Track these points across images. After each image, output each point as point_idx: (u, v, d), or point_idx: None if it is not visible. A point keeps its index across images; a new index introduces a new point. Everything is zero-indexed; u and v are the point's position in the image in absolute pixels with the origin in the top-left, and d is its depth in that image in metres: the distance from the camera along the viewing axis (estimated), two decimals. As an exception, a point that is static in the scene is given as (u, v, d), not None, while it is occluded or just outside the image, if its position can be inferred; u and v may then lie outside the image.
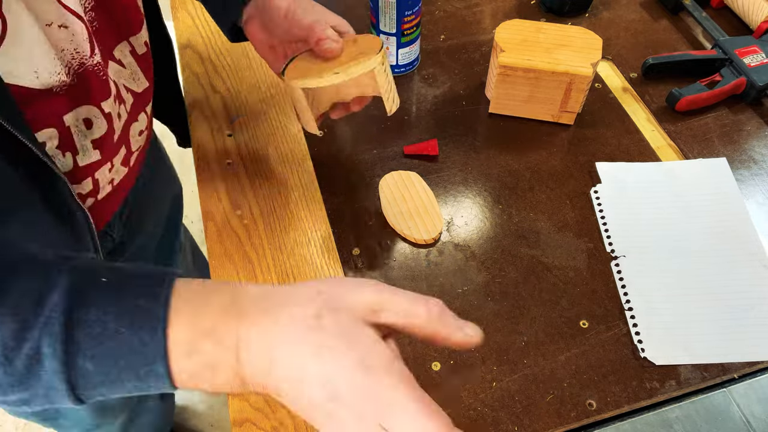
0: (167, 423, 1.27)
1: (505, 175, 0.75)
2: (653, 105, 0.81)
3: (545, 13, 0.93)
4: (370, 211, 0.72)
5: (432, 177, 0.74)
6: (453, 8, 0.95)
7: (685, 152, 0.76)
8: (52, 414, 0.85)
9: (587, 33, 0.76)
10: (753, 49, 0.81)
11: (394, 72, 0.85)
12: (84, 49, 0.50)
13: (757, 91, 0.78)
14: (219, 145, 0.78)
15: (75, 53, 0.49)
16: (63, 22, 0.47)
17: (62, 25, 0.47)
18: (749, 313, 0.62)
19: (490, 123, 0.80)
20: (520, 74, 0.74)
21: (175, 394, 1.31)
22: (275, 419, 0.57)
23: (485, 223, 0.70)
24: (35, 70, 0.45)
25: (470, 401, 0.57)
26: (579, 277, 0.65)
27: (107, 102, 0.54)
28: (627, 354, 0.60)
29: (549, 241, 0.68)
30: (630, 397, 0.57)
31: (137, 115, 0.64)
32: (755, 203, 0.71)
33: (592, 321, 0.62)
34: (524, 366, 0.60)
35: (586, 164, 0.75)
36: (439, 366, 0.60)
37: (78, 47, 0.49)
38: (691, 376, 0.59)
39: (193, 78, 0.86)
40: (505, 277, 0.66)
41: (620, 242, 0.67)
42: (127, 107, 0.61)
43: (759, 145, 0.76)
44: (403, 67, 0.85)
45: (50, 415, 0.85)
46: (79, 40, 0.49)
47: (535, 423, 0.56)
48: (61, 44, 0.47)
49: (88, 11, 0.52)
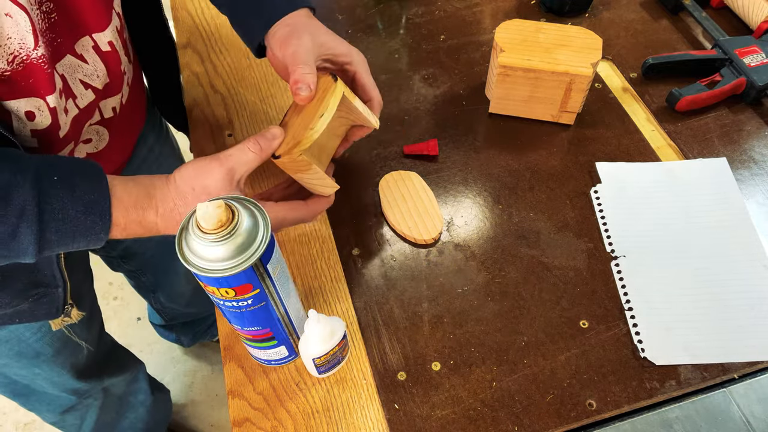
0: (160, 422, 1.27)
1: (505, 175, 0.75)
2: (653, 105, 0.81)
3: (545, 13, 0.93)
4: (370, 211, 0.72)
5: (432, 177, 0.74)
6: (453, 8, 0.95)
7: (685, 152, 0.76)
8: (23, 390, 0.86)
9: (587, 33, 0.76)
10: (753, 49, 0.81)
11: None
12: (27, 41, 0.51)
13: (757, 91, 0.78)
14: (219, 145, 0.78)
15: (22, 43, 0.50)
16: (8, 11, 0.48)
17: (7, 14, 0.48)
18: (749, 313, 0.62)
19: (490, 123, 0.80)
20: (520, 74, 0.74)
21: (169, 392, 1.31)
22: (275, 419, 0.57)
23: (485, 223, 0.70)
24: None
25: (470, 401, 0.57)
26: (579, 277, 0.65)
27: (52, 96, 0.55)
28: (627, 354, 0.60)
29: (549, 241, 0.68)
30: (630, 397, 0.57)
31: (93, 112, 0.64)
32: (755, 203, 0.71)
33: (592, 321, 0.62)
34: (524, 366, 0.60)
35: (586, 164, 0.75)
36: (439, 366, 0.60)
37: (22, 39, 0.50)
38: (691, 376, 0.59)
39: (193, 78, 0.86)
40: (505, 277, 0.66)
41: (620, 242, 0.67)
42: (78, 103, 0.61)
43: (759, 145, 0.76)
44: None
45: (21, 391, 0.86)
46: (22, 32, 0.50)
47: (535, 423, 0.56)
48: (7, 32, 0.49)
49: (44, 2, 0.52)
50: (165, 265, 1.09)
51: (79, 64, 0.59)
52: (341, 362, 0.59)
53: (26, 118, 0.54)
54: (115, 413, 1.07)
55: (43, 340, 0.77)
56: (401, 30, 0.92)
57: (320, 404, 0.58)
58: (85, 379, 0.90)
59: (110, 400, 1.03)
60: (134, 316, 1.61)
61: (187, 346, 1.49)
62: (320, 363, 0.56)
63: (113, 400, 1.04)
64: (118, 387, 1.04)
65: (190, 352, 1.54)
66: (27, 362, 0.79)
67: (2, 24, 0.48)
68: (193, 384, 1.49)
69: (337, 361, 0.58)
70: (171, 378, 1.50)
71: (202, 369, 1.51)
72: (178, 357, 1.53)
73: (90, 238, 0.49)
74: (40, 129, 0.56)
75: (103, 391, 0.99)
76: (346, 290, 0.65)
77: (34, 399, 0.90)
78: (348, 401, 0.58)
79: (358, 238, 0.69)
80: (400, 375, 0.59)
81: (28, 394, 0.88)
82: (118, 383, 1.03)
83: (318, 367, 0.57)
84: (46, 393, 0.89)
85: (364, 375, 0.60)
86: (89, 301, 0.85)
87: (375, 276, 0.66)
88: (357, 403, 0.58)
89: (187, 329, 1.39)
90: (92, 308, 0.86)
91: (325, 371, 0.58)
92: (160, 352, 1.54)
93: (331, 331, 0.54)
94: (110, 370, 0.98)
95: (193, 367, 1.52)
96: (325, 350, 0.54)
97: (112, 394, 1.03)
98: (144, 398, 1.14)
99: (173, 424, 1.41)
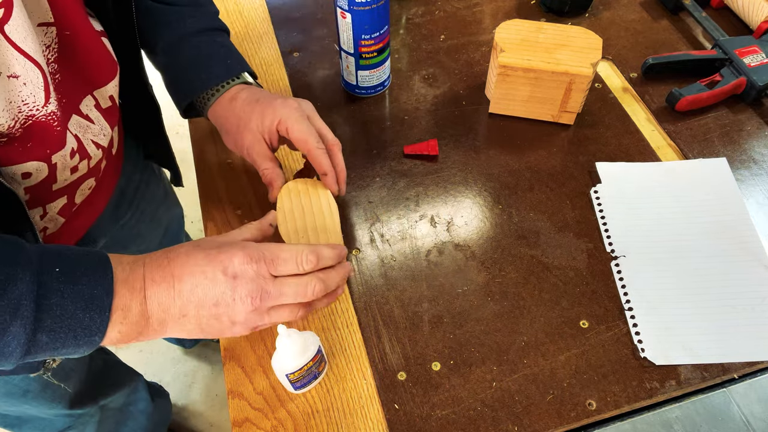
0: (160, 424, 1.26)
1: (505, 175, 0.75)
2: (653, 105, 0.81)
3: (545, 13, 0.93)
4: (370, 211, 0.72)
5: (432, 177, 0.74)
6: (453, 8, 0.95)
7: (685, 152, 0.76)
8: (14, 421, 0.84)
9: (587, 33, 0.76)
10: (753, 49, 0.81)
11: (355, 92, 0.83)
12: (38, 98, 0.49)
13: (757, 91, 0.78)
14: (219, 145, 0.78)
15: (23, 105, 0.48)
16: (13, 71, 0.46)
17: (12, 75, 0.46)
18: (749, 313, 0.62)
19: (490, 123, 0.80)
20: (520, 74, 0.74)
21: (169, 394, 1.31)
22: (275, 419, 0.57)
23: (485, 223, 0.70)
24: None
25: (470, 401, 0.57)
26: (579, 277, 0.65)
27: (58, 154, 0.53)
28: (627, 354, 0.60)
29: (549, 241, 0.68)
30: (630, 397, 0.57)
31: (99, 171, 0.63)
32: (755, 203, 0.71)
33: (592, 321, 0.62)
34: (524, 366, 0.60)
35: (586, 164, 0.75)
36: (439, 366, 0.60)
37: (28, 97, 0.48)
38: (691, 376, 0.59)
39: (193, 78, 0.86)
40: (505, 277, 0.66)
41: (620, 242, 0.67)
42: (91, 163, 0.60)
43: (759, 145, 0.76)
44: (364, 90, 0.83)
45: (12, 422, 0.84)
46: (33, 89, 0.48)
47: (535, 423, 0.56)
48: (9, 95, 0.47)
49: (50, 62, 0.51)
50: None
51: (87, 124, 0.58)
52: (318, 377, 0.59)
53: (21, 178, 0.52)
54: (115, 424, 1.05)
55: (27, 378, 0.74)
56: (401, 30, 0.92)
57: (320, 404, 0.58)
58: (78, 405, 0.87)
59: (108, 414, 1.01)
60: (134, 316, 1.60)
61: (188, 347, 1.49)
62: (295, 379, 0.55)
63: (112, 414, 1.02)
64: (116, 401, 1.02)
65: (190, 352, 1.54)
66: (16, 401, 0.77)
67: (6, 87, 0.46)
68: (193, 384, 1.49)
69: (314, 376, 0.57)
70: (171, 378, 1.50)
71: (202, 369, 1.51)
72: (178, 357, 1.53)
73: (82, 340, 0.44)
74: (32, 185, 0.54)
75: (101, 408, 0.97)
76: (346, 290, 0.65)
77: (27, 428, 0.87)
78: (348, 401, 0.58)
79: (359, 238, 0.69)
80: (400, 375, 0.59)
81: (20, 425, 0.86)
82: (116, 399, 1.01)
83: (293, 383, 0.56)
84: (40, 419, 0.87)
85: (364, 375, 0.60)
86: None
87: (375, 276, 0.66)
88: (357, 403, 0.58)
89: None
90: None
91: (301, 387, 0.57)
92: (160, 353, 1.54)
93: (303, 346, 0.54)
94: (105, 390, 0.96)
95: (193, 368, 1.52)
96: (298, 365, 0.54)
97: (110, 409, 1.01)
98: (144, 407, 1.13)
99: (173, 425, 1.41)
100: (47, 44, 0.51)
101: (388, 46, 0.79)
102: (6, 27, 0.44)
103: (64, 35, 0.52)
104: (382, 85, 0.83)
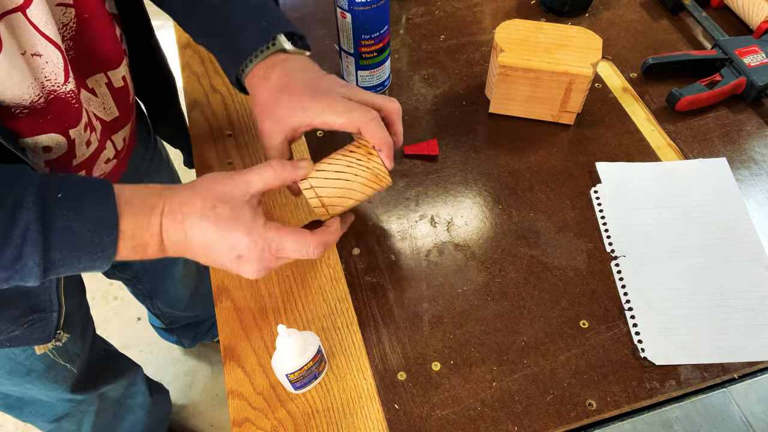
0: (159, 423, 1.26)
1: (505, 175, 0.75)
2: (653, 105, 0.81)
3: (545, 13, 0.93)
4: (370, 211, 0.72)
5: (432, 177, 0.74)
6: (453, 8, 0.95)
7: (685, 152, 0.76)
8: (15, 402, 0.86)
9: (587, 33, 0.76)
10: (753, 49, 0.81)
11: None
12: (58, 76, 0.53)
13: (757, 91, 0.78)
14: (219, 145, 0.78)
15: (46, 81, 0.52)
16: (36, 50, 0.50)
17: (35, 54, 0.50)
18: (749, 313, 0.62)
19: (490, 123, 0.80)
20: (520, 74, 0.74)
21: (168, 392, 1.31)
22: (275, 419, 0.57)
23: (485, 223, 0.70)
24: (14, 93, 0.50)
25: (470, 401, 0.57)
26: (579, 277, 0.65)
27: (75, 129, 0.57)
28: (627, 354, 0.60)
29: (549, 241, 0.68)
30: (630, 397, 0.57)
31: (105, 143, 0.65)
32: (755, 203, 0.71)
33: (592, 321, 0.62)
34: (524, 366, 0.60)
35: (586, 164, 0.75)
36: (439, 366, 0.60)
37: (51, 74, 0.52)
38: (691, 376, 0.59)
39: (193, 78, 0.86)
40: (505, 277, 0.66)
41: (620, 242, 0.67)
42: (97, 135, 0.63)
43: (759, 145, 0.76)
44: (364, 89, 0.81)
45: (13, 404, 0.86)
46: (54, 68, 0.52)
47: (535, 423, 0.56)
48: (34, 72, 0.51)
49: (66, 39, 0.54)
50: (159, 273, 1.08)
51: (90, 97, 0.61)
52: (318, 377, 0.59)
53: (42, 151, 0.56)
54: (113, 416, 1.06)
55: (33, 356, 0.76)
56: (401, 30, 0.92)
57: (320, 404, 0.58)
58: (79, 390, 0.89)
59: (107, 405, 1.02)
60: (134, 316, 1.61)
61: (188, 347, 1.49)
62: (295, 379, 0.55)
63: (110, 405, 1.03)
64: (115, 391, 1.04)
65: (190, 352, 1.54)
66: (19, 379, 0.78)
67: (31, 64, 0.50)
68: (193, 384, 1.49)
69: (314, 376, 0.57)
70: (171, 378, 1.50)
71: (202, 369, 1.51)
72: (178, 357, 1.53)
73: (96, 257, 0.47)
74: (53, 158, 0.57)
75: (99, 397, 0.98)
76: (346, 290, 0.65)
77: (27, 411, 0.89)
78: (348, 401, 0.58)
79: (358, 238, 0.69)
80: (400, 375, 0.59)
81: (21, 407, 0.87)
82: (115, 388, 1.03)
83: (293, 383, 0.56)
84: (40, 402, 0.88)
85: (364, 375, 0.60)
86: (81, 317, 0.84)
87: (375, 276, 0.66)
88: (357, 403, 0.58)
89: (187, 331, 1.39)
90: (84, 323, 0.85)
91: (301, 387, 0.57)
92: (160, 352, 1.54)
93: (303, 346, 0.54)
94: (106, 378, 0.98)
95: (193, 367, 1.52)
96: (298, 365, 0.54)
97: (108, 399, 1.02)
98: (142, 400, 1.13)
99: (173, 424, 1.41)
100: (65, 23, 0.54)
101: (388, 46, 0.79)
102: (28, 11, 0.48)
103: (83, 17, 0.55)
104: (382, 85, 0.83)
